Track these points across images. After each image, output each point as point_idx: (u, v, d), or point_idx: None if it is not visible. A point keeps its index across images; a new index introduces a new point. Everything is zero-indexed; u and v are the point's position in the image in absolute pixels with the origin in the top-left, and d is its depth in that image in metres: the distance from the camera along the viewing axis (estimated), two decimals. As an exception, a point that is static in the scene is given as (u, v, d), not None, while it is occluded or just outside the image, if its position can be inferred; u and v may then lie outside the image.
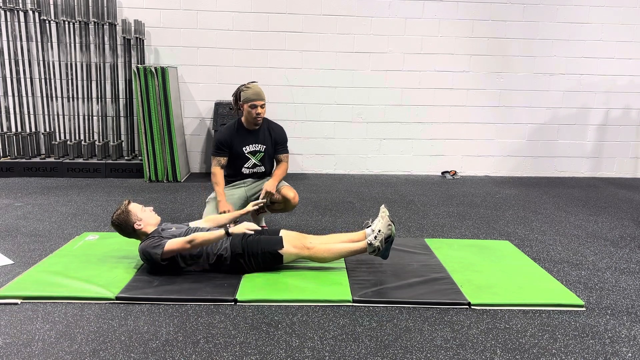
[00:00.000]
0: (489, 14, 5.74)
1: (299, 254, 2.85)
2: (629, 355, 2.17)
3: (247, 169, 3.54)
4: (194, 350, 2.12)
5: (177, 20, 5.54)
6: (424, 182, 5.65)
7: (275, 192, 3.43)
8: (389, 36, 5.71)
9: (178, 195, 4.76)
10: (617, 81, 5.97)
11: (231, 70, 5.67)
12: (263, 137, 3.51)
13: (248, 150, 3.49)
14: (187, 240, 2.67)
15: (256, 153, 3.52)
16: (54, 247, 3.25)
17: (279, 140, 3.57)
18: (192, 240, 2.66)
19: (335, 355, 2.11)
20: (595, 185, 5.73)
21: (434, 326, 2.37)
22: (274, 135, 3.55)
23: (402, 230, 3.83)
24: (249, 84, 3.40)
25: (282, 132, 3.62)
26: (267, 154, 3.54)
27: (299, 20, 5.61)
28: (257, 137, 3.51)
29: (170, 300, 2.52)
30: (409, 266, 3.00)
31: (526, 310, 2.55)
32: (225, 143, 3.48)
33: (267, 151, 3.54)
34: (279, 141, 3.57)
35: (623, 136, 6.13)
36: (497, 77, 5.89)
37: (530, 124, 6.03)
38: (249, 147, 3.49)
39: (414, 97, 5.87)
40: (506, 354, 2.15)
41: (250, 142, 3.49)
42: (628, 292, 2.81)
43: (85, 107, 5.57)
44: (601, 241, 3.72)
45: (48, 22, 5.36)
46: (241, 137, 3.48)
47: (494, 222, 4.14)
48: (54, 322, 2.32)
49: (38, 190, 4.79)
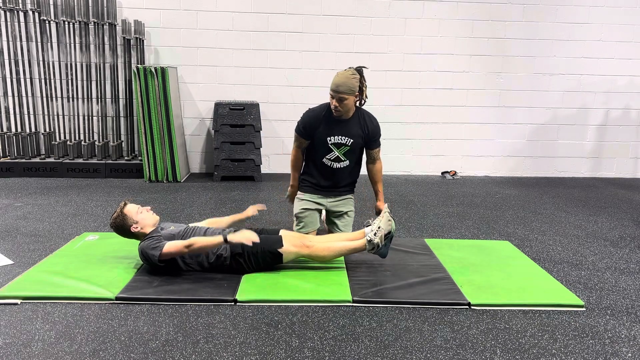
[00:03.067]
0: (489, 14, 5.74)
1: (298, 253, 2.85)
2: (629, 355, 2.17)
3: (328, 161, 3.23)
4: (194, 351, 2.12)
5: (177, 20, 5.54)
6: (424, 182, 5.65)
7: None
8: (389, 36, 5.71)
9: (178, 196, 4.76)
10: (617, 81, 5.97)
11: (231, 70, 5.67)
12: (352, 130, 3.17)
13: (332, 141, 3.17)
14: (185, 244, 2.67)
15: (341, 146, 3.18)
16: (54, 247, 3.25)
17: (372, 135, 3.23)
18: (190, 245, 2.67)
19: (335, 355, 2.11)
20: (595, 185, 5.73)
21: (434, 326, 2.37)
22: (367, 130, 3.19)
23: (402, 231, 3.83)
24: (342, 70, 3.09)
25: (377, 125, 3.25)
26: (352, 149, 3.20)
27: (299, 20, 5.61)
28: (347, 128, 3.16)
29: (170, 301, 2.52)
30: (409, 266, 3.00)
31: (526, 311, 2.55)
32: (308, 127, 3.20)
33: (354, 146, 3.19)
34: (372, 136, 3.23)
35: (623, 136, 6.13)
36: (497, 77, 5.89)
37: (530, 124, 6.03)
38: (333, 138, 3.16)
39: (414, 97, 5.87)
40: (506, 354, 2.15)
41: (336, 133, 3.15)
42: (628, 292, 2.81)
43: (85, 108, 5.57)
44: (601, 241, 3.72)
45: (48, 22, 5.36)
46: (328, 124, 3.16)
47: (494, 222, 4.14)
48: (54, 322, 2.32)
49: (38, 191, 4.79)
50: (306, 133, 3.23)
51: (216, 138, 5.39)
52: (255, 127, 5.38)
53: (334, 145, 3.19)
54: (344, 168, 3.26)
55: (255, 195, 4.84)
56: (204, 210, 4.25)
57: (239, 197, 4.75)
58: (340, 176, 3.30)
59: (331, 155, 3.21)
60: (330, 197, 3.35)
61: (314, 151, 3.27)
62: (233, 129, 5.37)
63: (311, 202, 3.34)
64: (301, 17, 5.61)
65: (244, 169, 5.48)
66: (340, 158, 3.22)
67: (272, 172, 5.93)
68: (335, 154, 3.21)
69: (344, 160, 3.23)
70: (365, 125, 3.20)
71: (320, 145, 3.21)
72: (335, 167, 3.25)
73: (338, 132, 3.16)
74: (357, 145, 3.22)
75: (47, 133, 5.56)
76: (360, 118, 3.20)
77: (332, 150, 3.20)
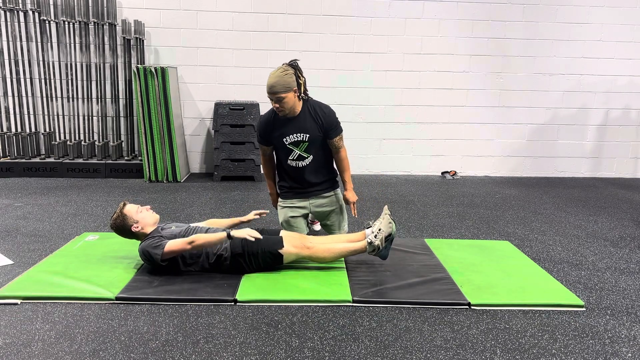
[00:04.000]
0: (489, 14, 5.74)
1: (299, 254, 2.85)
2: (629, 355, 2.17)
3: (292, 161, 3.17)
4: (194, 351, 2.12)
5: (177, 20, 5.54)
6: (424, 182, 5.65)
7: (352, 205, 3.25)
8: (389, 36, 5.71)
9: (178, 196, 4.76)
10: (617, 81, 5.97)
11: (231, 70, 5.67)
12: (305, 125, 3.09)
13: (289, 141, 3.12)
14: (188, 241, 2.67)
15: (299, 144, 3.12)
16: (54, 247, 3.25)
17: (328, 124, 3.11)
18: (192, 241, 2.66)
19: (335, 356, 2.11)
20: (595, 185, 5.73)
21: (434, 326, 2.37)
22: (321, 120, 3.10)
23: (402, 230, 3.83)
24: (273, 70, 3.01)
25: (330, 113, 3.15)
26: (311, 143, 3.12)
27: (299, 20, 5.61)
28: (298, 125, 3.09)
29: (170, 301, 2.52)
30: (409, 266, 3.00)
31: (526, 311, 2.55)
32: (263, 133, 3.19)
33: (312, 139, 3.11)
34: (329, 125, 3.11)
35: (623, 136, 6.13)
36: (497, 77, 5.89)
37: (530, 124, 6.03)
38: (289, 138, 3.11)
39: (414, 97, 5.87)
40: (506, 354, 2.15)
41: (290, 132, 3.10)
42: (628, 292, 2.81)
43: (85, 108, 5.57)
44: (601, 241, 3.72)
45: (48, 22, 5.36)
46: (280, 126, 3.11)
47: (494, 222, 4.14)
48: (54, 322, 2.32)
49: (38, 191, 4.79)
50: (263, 139, 3.22)
51: (216, 138, 5.39)
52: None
53: (292, 144, 3.13)
54: (310, 165, 3.18)
55: (255, 195, 4.84)
56: (204, 210, 4.25)
57: (239, 197, 4.75)
58: (310, 174, 3.21)
59: (293, 155, 3.16)
60: (311, 198, 3.26)
61: (278, 156, 3.25)
62: (233, 129, 5.37)
63: (293, 208, 3.27)
64: (301, 17, 5.61)
65: (244, 169, 5.48)
66: (302, 156, 3.15)
67: (272, 172, 5.92)
68: (296, 153, 3.15)
69: (307, 157, 3.16)
70: (317, 116, 3.11)
71: (280, 148, 3.17)
72: (301, 165, 3.18)
73: (292, 130, 3.10)
74: (316, 138, 3.12)
75: (47, 133, 5.56)
76: (311, 110, 3.11)
77: (293, 150, 3.14)
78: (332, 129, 3.14)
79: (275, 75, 2.96)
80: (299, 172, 3.21)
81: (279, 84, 2.94)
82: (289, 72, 2.97)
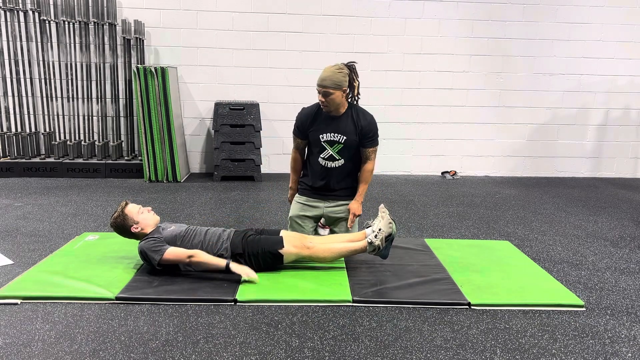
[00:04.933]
0: (489, 14, 5.74)
1: (299, 254, 2.85)
2: (629, 355, 2.17)
3: (323, 160, 3.14)
4: (194, 350, 2.12)
5: (177, 20, 5.54)
6: (424, 182, 5.65)
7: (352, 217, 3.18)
8: (389, 36, 5.71)
9: (178, 196, 4.76)
10: (617, 81, 5.97)
11: (231, 70, 5.67)
12: (345, 127, 3.07)
13: (325, 139, 3.09)
14: (188, 254, 2.70)
15: (334, 144, 3.10)
16: (54, 247, 3.25)
17: (366, 132, 3.09)
18: (192, 256, 2.70)
19: (335, 355, 2.11)
20: (595, 185, 5.73)
21: (434, 326, 2.37)
22: (360, 126, 3.07)
23: (402, 230, 3.83)
24: (329, 65, 3.00)
25: (372, 121, 3.12)
26: (346, 147, 3.10)
27: (299, 20, 5.61)
28: (338, 125, 3.07)
29: (170, 300, 2.52)
30: (409, 266, 3.00)
31: (526, 311, 2.55)
32: (301, 126, 3.16)
33: (348, 143, 3.09)
34: (366, 133, 3.09)
35: (623, 136, 6.13)
36: (497, 77, 5.89)
37: (530, 124, 6.03)
38: (326, 135, 3.09)
39: (414, 97, 5.87)
40: (506, 354, 2.15)
41: (329, 130, 3.08)
42: (628, 292, 2.81)
43: (85, 108, 5.57)
44: (601, 241, 3.72)
45: (48, 22, 5.36)
46: (321, 122, 3.10)
47: (494, 222, 4.14)
48: (54, 322, 2.32)
49: (38, 191, 4.79)
50: (300, 132, 3.18)
51: (216, 138, 5.39)
52: (255, 127, 5.38)
53: (327, 142, 3.10)
54: (339, 167, 3.16)
55: (255, 195, 4.84)
56: (204, 210, 4.25)
57: (239, 197, 4.75)
58: (335, 176, 3.18)
59: (325, 153, 3.13)
60: (328, 201, 3.23)
61: (310, 151, 3.23)
62: (233, 129, 5.37)
63: (307, 207, 3.25)
64: (301, 17, 5.61)
65: (244, 169, 5.48)
66: (334, 157, 3.13)
67: (272, 172, 5.93)
68: (329, 152, 3.12)
69: (338, 159, 3.13)
70: (359, 120, 3.08)
71: (314, 143, 3.15)
72: (330, 166, 3.15)
73: (330, 129, 3.08)
74: (351, 143, 3.09)
75: (47, 133, 5.56)
76: (354, 114, 3.09)
77: (326, 149, 3.12)
78: (368, 138, 3.12)
79: (329, 70, 2.95)
80: (326, 173, 3.18)
81: (330, 79, 2.93)
82: (343, 71, 2.97)
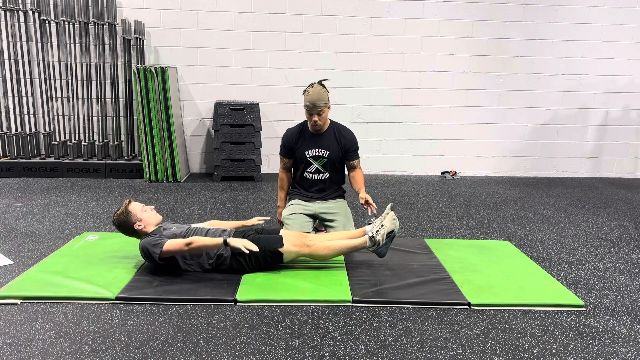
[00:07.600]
0: (489, 14, 5.74)
1: (299, 252, 2.85)
2: (629, 356, 2.17)
3: (309, 174, 3.41)
4: (194, 350, 2.12)
5: (177, 20, 5.54)
6: (424, 182, 5.65)
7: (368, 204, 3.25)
8: (389, 36, 5.71)
9: (178, 196, 4.76)
10: (617, 81, 5.97)
11: (231, 70, 5.67)
12: (328, 143, 3.36)
13: (310, 154, 3.37)
14: (185, 242, 2.68)
15: (319, 158, 3.38)
16: (54, 247, 3.25)
17: (348, 147, 3.39)
18: (190, 243, 2.68)
19: (335, 356, 2.11)
20: (595, 185, 5.73)
21: (434, 326, 2.37)
22: (342, 142, 3.38)
23: (402, 230, 3.83)
24: (310, 87, 3.22)
25: (352, 138, 3.43)
26: (330, 160, 3.38)
27: (299, 20, 5.61)
28: (323, 141, 3.36)
29: (170, 300, 2.52)
30: (409, 266, 3.00)
31: (526, 311, 2.55)
32: (288, 145, 3.41)
33: (331, 157, 3.37)
34: (348, 148, 3.39)
35: (623, 136, 6.13)
36: (497, 77, 5.89)
37: (530, 124, 6.03)
38: (311, 152, 3.37)
39: (413, 97, 5.87)
40: (506, 354, 2.15)
41: (313, 147, 3.37)
42: (628, 292, 2.81)
43: (85, 108, 5.57)
44: (601, 241, 3.72)
45: (48, 22, 5.36)
46: (306, 140, 3.37)
47: (494, 222, 4.14)
48: (54, 322, 2.32)
49: (38, 191, 4.79)
50: (287, 151, 3.43)
51: (216, 138, 5.39)
52: (255, 127, 5.38)
53: (313, 158, 3.38)
54: (325, 180, 3.43)
55: (255, 195, 4.84)
56: (204, 210, 4.25)
57: (239, 197, 4.75)
58: (322, 187, 3.45)
59: (311, 168, 3.40)
60: (317, 201, 3.44)
61: (297, 167, 3.47)
62: (233, 129, 5.37)
63: (299, 206, 3.41)
64: (301, 17, 5.61)
65: (244, 169, 5.48)
66: (319, 170, 3.40)
67: (272, 172, 5.92)
68: (314, 166, 3.39)
69: (323, 172, 3.41)
70: (341, 136, 3.38)
71: (300, 160, 3.40)
72: (316, 178, 3.42)
73: (315, 145, 3.36)
74: (335, 157, 3.37)
75: (47, 133, 5.56)
76: (335, 131, 3.39)
77: (312, 163, 3.39)
78: (352, 151, 3.42)
79: (317, 92, 3.20)
80: (313, 184, 3.44)
81: (320, 100, 3.19)
82: (325, 90, 3.24)
